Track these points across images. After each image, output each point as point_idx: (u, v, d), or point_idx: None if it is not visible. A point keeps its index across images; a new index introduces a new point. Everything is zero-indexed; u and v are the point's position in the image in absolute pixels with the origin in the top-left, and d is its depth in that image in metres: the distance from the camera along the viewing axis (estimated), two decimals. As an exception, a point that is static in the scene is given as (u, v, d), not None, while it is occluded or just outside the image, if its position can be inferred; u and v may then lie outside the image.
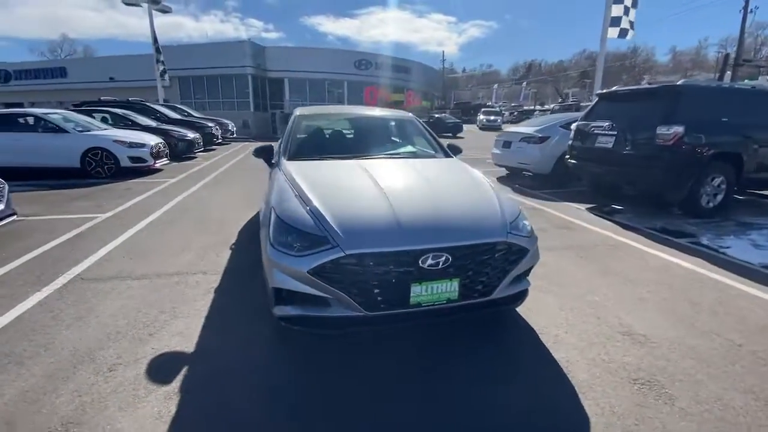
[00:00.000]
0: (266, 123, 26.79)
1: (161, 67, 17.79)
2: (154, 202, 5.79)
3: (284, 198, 2.33)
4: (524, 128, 7.84)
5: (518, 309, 2.59)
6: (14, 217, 3.99)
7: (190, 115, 15.69)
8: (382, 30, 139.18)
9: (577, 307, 2.71)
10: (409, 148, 3.56)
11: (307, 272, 1.87)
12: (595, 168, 5.78)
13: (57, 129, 7.63)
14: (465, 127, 25.98)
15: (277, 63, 26.87)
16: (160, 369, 2.06)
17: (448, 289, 2.00)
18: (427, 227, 2.04)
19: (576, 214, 5.21)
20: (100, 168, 7.67)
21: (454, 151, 3.59)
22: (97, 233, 4.25)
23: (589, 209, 5.45)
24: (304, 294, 1.94)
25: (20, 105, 23.99)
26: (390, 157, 3.22)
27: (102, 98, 13.41)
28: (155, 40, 17.48)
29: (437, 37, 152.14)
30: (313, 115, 4.08)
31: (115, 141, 7.73)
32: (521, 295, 2.35)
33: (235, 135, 19.49)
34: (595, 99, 6.16)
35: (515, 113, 39.84)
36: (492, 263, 2.09)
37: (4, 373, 2.02)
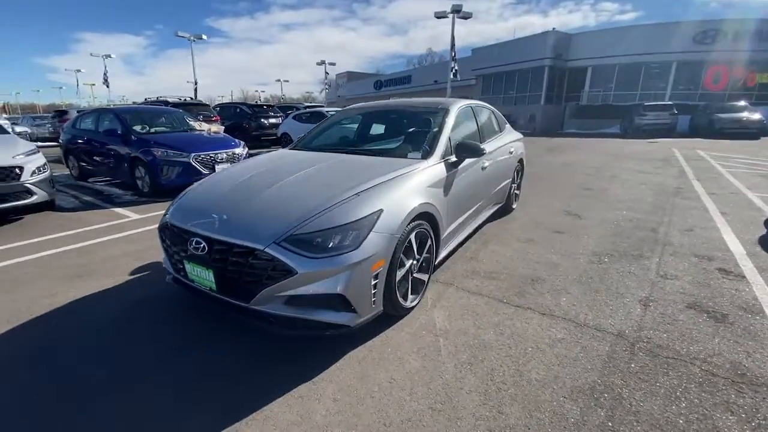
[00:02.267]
0: (556, 117, 25.17)
1: (454, 68, 20.36)
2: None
3: None
4: None
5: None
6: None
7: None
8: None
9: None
10: (394, 146, 3.17)
11: (158, 229, 2.53)
12: None
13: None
14: None
15: (582, 50, 24.22)
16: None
17: (206, 276, 2.11)
18: (220, 216, 2.20)
19: None
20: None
21: (462, 152, 2.90)
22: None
23: None
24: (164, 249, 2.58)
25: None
26: (354, 153, 3.11)
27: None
28: (453, 46, 20.13)
29: None
30: (351, 109, 4.22)
31: None
32: (309, 324, 1.97)
33: None
34: None
35: None
36: (247, 269, 1.97)
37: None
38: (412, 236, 2.34)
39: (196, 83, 27.31)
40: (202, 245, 2.09)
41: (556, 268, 3.18)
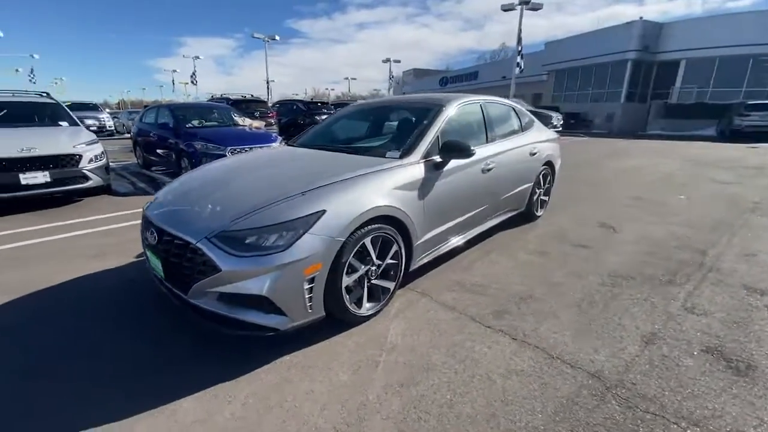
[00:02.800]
0: (638, 116, 22.59)
1: (519, 63, 19.20)
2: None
3: None
4: None
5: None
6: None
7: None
8: None
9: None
10: (376, 144, 3.00)
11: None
12: None
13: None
14: None
15: (675, 42, 21.35)
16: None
17: (157, 265, 2.18)
18: (176, 208, 2.27)
19: None
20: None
21: (448, 152, 2.69)
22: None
23: None
24: None
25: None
26: (336, 150, 3.01)
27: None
28: (519, 39, 18.96)
29: None
30: (353, 105, 4.08)
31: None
32: (240, 324, 1.94)
33: (558, 127, 18.24)
34: None
35: None
36: (184, 262, 1.99)
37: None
38: (367, 241, 2.19)
39: (268, 82, 29.17)
40: (154, 235, 2.16)
41: (555, 288, 2.79)
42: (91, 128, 17.26)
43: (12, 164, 4.64)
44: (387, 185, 2.34)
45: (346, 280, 2.14)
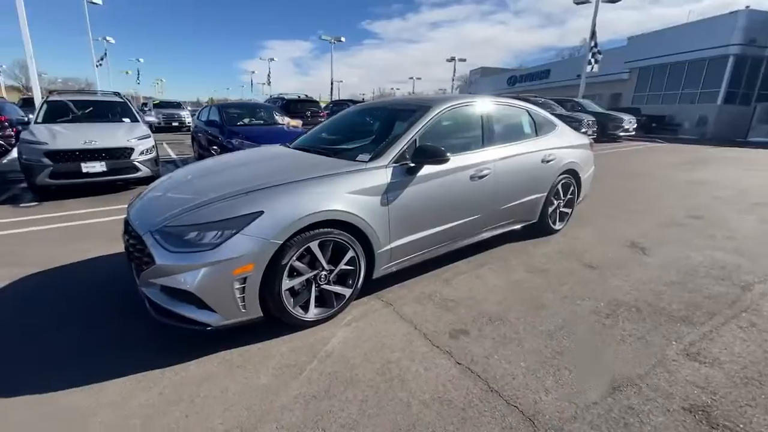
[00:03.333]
0: (738, 120, 19.50)
1: (592, 61, 17.61)
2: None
3: None
4: None
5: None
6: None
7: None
8: None
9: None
10: (352, 146, 2.91)
11: None
12: None
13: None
14: None
15: (794, 32, 18.00)
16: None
17: (126, 250, 2.35)
18: (144, 203, 2.43)
19: None
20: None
21: (420, 157, 2.56)
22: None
23: None
24: None
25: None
26: (314, 152, 2.99)
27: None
28: (593, 34, 17.36)
29: None
30: (354, 107, 3.99)
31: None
32: (177, 317, 2.02)
33: (631, 132, 16.44)
34: None
35: None
36: (136, 252, 2.12)
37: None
38: (314, 245, 2.15)
39: (332, 82, 30.25)
40: (126, 225, 2.34)
41: (536, 312, 2.50)
42: (173, 123, 19.51)
43: (76, 155, 5.36)
44: (341, 189, 2.28)
45: (288, 283, 2.12)
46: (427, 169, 2.61)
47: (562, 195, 3.90)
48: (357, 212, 2.28)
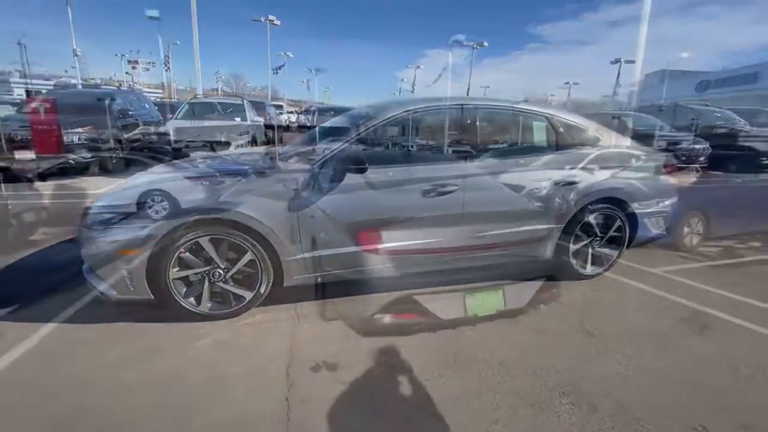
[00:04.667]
0: None
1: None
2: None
3: None
4: None
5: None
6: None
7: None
8: None
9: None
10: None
11: None
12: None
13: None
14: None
15: None
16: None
17: None
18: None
19: None
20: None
21: (341, 165, 2.37)
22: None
23: None
24: None
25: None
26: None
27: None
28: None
29: None
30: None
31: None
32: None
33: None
34: None
35: None
36: None
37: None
38: (204, 240, 2.21)
39: (468, 87, 29.65)
40: None
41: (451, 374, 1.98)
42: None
43: (200, 145, 6.87)
44: (242, 188, 2.25)
45: (175, 273, 2.22)
46: (351, 179, 2.35)
47: (595, 230, 2.95)
48: (257, 215, 2.22)
